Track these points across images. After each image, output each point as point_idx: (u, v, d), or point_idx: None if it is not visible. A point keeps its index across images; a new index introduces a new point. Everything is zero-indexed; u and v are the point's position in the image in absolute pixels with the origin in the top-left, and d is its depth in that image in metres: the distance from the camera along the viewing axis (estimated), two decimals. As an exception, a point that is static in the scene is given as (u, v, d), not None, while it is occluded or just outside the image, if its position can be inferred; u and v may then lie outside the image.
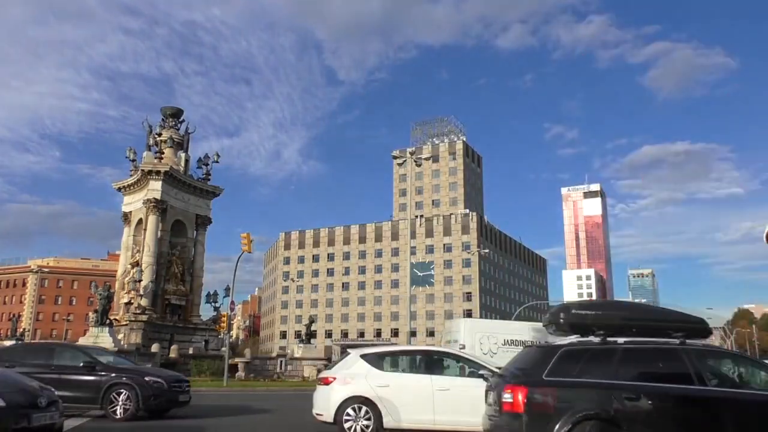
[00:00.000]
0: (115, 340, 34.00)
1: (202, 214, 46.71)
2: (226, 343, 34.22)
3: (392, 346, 14.76)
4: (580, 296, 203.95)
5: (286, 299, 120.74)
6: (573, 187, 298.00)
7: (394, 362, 11.04)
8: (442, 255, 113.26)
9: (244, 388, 29.01)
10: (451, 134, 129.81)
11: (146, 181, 42.92)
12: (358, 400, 10.04)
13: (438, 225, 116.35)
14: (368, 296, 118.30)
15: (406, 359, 11.22)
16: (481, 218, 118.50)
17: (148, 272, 41.38)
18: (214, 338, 45.26)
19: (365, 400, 10.01)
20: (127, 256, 44.49)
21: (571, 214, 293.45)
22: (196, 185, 46.20)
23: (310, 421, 11.10)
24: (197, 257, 46.61)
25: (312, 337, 44.80)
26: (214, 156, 48.07)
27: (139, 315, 39.59)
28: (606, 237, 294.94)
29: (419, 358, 11.16)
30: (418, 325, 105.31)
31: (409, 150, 41.56)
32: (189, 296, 44.95)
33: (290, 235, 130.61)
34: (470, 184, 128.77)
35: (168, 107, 47.66)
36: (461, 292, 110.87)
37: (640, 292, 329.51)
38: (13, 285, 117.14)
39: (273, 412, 16.45)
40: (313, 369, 40.65)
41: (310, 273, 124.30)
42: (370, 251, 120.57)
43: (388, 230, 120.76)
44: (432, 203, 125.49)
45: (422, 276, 80.00)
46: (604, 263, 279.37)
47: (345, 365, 10.69)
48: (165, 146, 44.98)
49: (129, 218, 45.07)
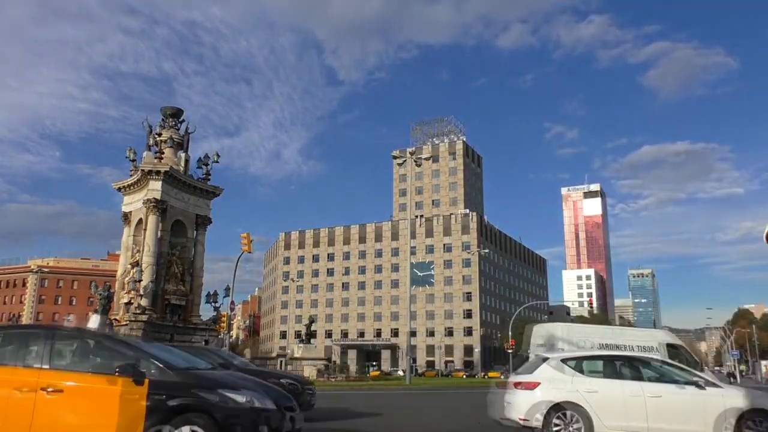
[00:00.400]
0: (115, 340, 33.93)
1: (202, 214, 46.67)
2: (226, 343, 34.27)
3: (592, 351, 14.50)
4: (580, 296, 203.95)
5: (286, 299, 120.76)
6: (573, 187, 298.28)
7: (596, 367, 10.93)
8: (442, 255, 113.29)
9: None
10: (451, 134, 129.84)
11: (146, 181, 42.89)
12: (567, 406, 9.98)
13: (438, 225, 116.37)
14: (368, 296, 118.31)
15: (609, 364, 11.06)
16: (481, 218, 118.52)
17: (148, 272, 41.35)
18: (214, 338, 45.23)
19: (574, 405, 9.94)
20: (127, 256, 44.46)
21: (571, 214, 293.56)
22: (196, 185, 46.16)
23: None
24: (197, 257, 46.58)
25: (312, 337, 44.88)
26: (214, 156, 48.02)
27: (139, 315, 39.56)
28: (606, 237, 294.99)
29: (623, 364, 11.06)
30: (418, 325, 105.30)
31: (409, 150, 41.69)
32: (189, 296, 44.91)
33: (290, 235, 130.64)
34: (470, 184, 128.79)
35: (168, 107, 47.59)
36: (461, 292, 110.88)
37: (640, 292, 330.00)
38: (13, 285, 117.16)
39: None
40: (313, 369, 40.71)
41: (310, 273, 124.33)
42: (370, 251, 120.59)
43: (388, 230, 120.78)
44: (432, 203, 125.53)
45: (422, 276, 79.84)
46: (604, 263, 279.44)
47: (545, 370, 10.59)
48: (165, 146, 44.94)
49: (129, 218, 45.04)
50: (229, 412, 6.58)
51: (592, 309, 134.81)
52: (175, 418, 6.44)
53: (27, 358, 6.84)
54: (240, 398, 6.75)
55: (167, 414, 6.43)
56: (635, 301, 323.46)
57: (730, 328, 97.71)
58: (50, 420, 6.40)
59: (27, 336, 7.43)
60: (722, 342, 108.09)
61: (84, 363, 6.95)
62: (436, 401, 23.30)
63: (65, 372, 6.64)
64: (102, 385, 6.52)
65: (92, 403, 6.50)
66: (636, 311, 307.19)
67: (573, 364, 10.60)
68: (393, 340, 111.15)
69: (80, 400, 6.50)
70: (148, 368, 6.66)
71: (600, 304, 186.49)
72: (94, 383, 6.56)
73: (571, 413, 9.92)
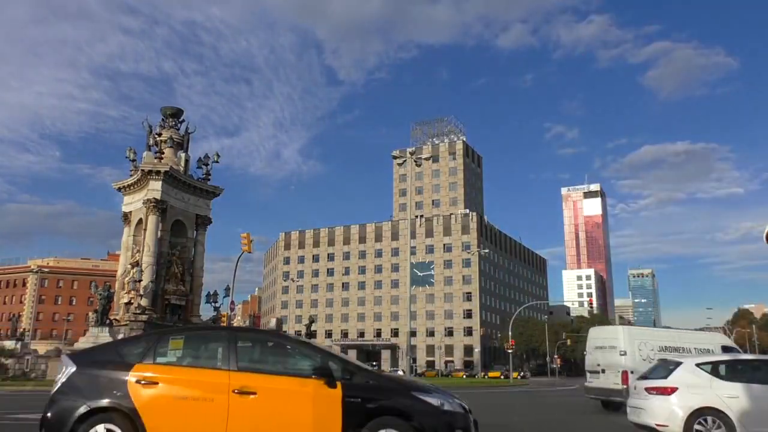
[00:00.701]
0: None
1: (202, 214, 46.68)
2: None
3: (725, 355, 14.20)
4: (579, 296, 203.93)
5: (286, 299, 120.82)
6: (573, 187, 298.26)
7: (733, 371, 10.77)
8: (442, 255, 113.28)
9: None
10: (451, 134, 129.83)
11: (146, 181, 42.89)
12: (707, 412, 9.83)
13: (438, 225, 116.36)
14: (368, 296, 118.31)
15: (747, 368, 10.96)
16: (481, 218, 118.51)
17: (148, 272, 41.35)
18: (214, 338, 45.19)
19: (716, 411, 9.80)
20: (127, 256, 44.46)
21: (571, 214, 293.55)
22: (196, 185, 46.17)
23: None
24: (197, 257, 46.59)
25: (312, 336, 44.84)
26: (214, 156, 48.03)
27: (139, 315, 39.56)
28: (606, 237, 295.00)
29: (759, 367, 10.93)
30: (418, 325, 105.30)
31: (409, 150, 41.59)
32: (189, 296, 44.91)
33: (290, 235, 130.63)
34: (470, 184, 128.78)
35: (168, 107, 47.59)
36: (461, 292, 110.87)
37: (640, 292, 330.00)
38: (13, 285, 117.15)
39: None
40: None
41: (310, 273, 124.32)
42: (370, 251, 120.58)
43: (388, 230, 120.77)
44: (432, 203, 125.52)
45: (422, 276, 79.95)
46: (604, 263, 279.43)
47: (681, 374, 10.42)
48: (165, 146, 44.95)
49: (129, 218, 45.05)
50: (426, 416, 6.36)
51: (591, 309, 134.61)
52: (371, 421, 6.26)
53: (214, 360, 6.75)
54: (434, 401, 6.55)
55: (362, 417, 6.27)
56: (635, 301, 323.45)
57: (730, 328, 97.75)
58: (245, 422, 6.27)
59: (210, 337, 7.43)
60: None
61: (273, 365, 6.88)
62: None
63: (256, 374, 6.52)
64: (295, 387, 6.42)
65: (287, 405, 6.37)
66: (636, 311, 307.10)
67: (709, 369, 10.43)
68: (393, 340, 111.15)
69: (275, 402, 6.35)
70: (337, 370, 6.53)
71: (600, 304, 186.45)
72: (288, 385, 6.45)
73: (712, 419, 9.75)
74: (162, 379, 6.41)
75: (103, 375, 6.52)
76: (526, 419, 13.85)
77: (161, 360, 6.66)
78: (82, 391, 6.43)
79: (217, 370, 6.55)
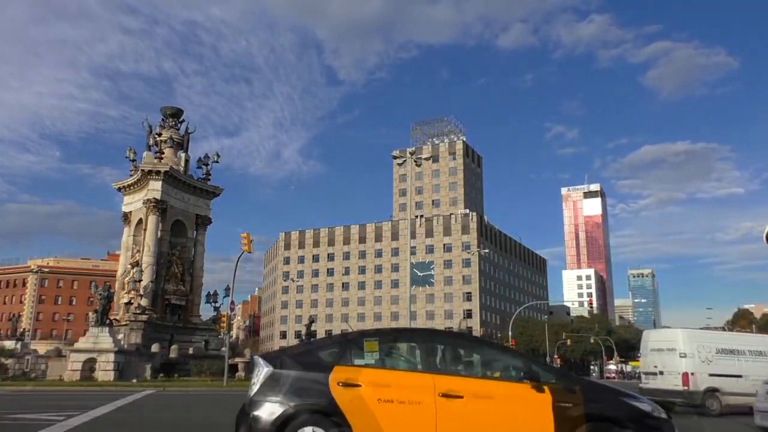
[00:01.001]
0: (115, 341, 33.99)
1: (202, 214, 46.71)
2: (226, 343, 34.24)
3: None
4: (579, 296, 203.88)
5: (286, 299, 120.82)
6: (573, 187, 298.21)
7: None
8: (442, 255, 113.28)
9: (245, 389, 28.93)
10: (451, 134, 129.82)
11: (146, 181, 42.91)
12: None
13: (438, 225, 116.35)
14: (368, 296, 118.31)
15: None
16: (481, 218, 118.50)
17: (148, 272, 41.37)
18: (214, 338, 45.25)
19: None
20: (127, 256, 44.49)
21: (571, 214, 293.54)
22: (196, 185, 46.20)
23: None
24: (197, 257, 46.61)
25: (312, 337, 44.82)
26: (214, 156, 48.10)
27: (139, 315, 39.58)
28: (606, 237, 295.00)
29: None
30: (418, 325, 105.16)
31: (409, 150, 41.62)
32: (189, 296, 44.94)
33: (290, 235, 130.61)
34: (470, 184, 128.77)
35: (168, 107, 47.66)
36: (461, 292, 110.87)
37: (640, 292, 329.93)
38: (13, 285, 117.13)
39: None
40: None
41: (310, 273, 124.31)
42: (370, 251, 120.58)
43: (388, 230, 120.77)
44: (432, 203, 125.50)
45: (422, 276, 79.97)
46: (604, 263, 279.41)
47: None
48: (165, 146, 44.99)
49: (129, 218, 45.06)
50: (637, 422, 6.14)
51: (591, 309, 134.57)
52: (581, 427, 6.09)
53: (414, 363, 6.72)
54: (645, 407, 6.38)
55: (574, 423, 6.09)
56: (635, 301, 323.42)
57: (730, 328, 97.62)
58: (454, 426, 6.16)
59: (406, 340, 7.40)
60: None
61: (475, 368, 6.81)
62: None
63: (459, 377, 6.45)
64: (503, 391, 6.31)
65: (496, 409, 6.21)
66: (636, 311, 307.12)
67: None
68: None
69: (483, 406, 6.20)
70: (543, 375, 6.40)
71: (600, 304, 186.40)
72: (495, 389, 6.34)
73: None
74: (364, 381, 6.34)
75: (303, 377, 6.49)
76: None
77: (358, 362, 6.64)
78: (284, 392, 6.38)
79: (419, 372, 6.48)
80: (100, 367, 32.36)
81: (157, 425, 12.77)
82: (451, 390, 6.23)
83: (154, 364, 35.04)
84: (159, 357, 36.61)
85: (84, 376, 31.69)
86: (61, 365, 33.83)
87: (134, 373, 33.28)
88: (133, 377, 32.48)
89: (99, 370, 32.30)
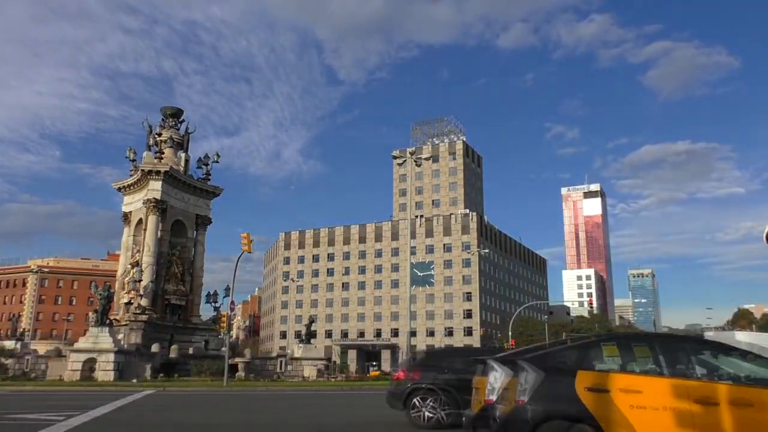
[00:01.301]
0: (115, 341, 33.97)
1: (202, 214, 46.70)
2: (226, 343, 34.23)
3: None
4: (580, 296, 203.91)
5: (286, 299, 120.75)
6: (573, 187, 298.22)
7: None
8: (442, 255, 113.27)
9: (244, 389, 28.99)
10: (451, 134, 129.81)
11: (146, 181, 42.91)
12: None
13: (438, 225, 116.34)
14: (368, 296, 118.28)
15: None
16: (481, 218, 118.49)
17: (148, 272, 41.37)
18: (214, 338, 45.25)
19: None
20: (127, 256, 44.49)
21: (571, 214, 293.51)
22: (196, 185, 46.20)
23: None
24: (197, 257, 46.61)
25: (312, 337, 44.81)
26: (214, 156, 48.10)
27: (139, 315, 39.57)
28: (606, 237, 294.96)
29: None
30: (418, 325, 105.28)
31: (409, 150, 41.60)
32: (189, 296, 44.94)
33: (290, 235, 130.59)
34: (470, 184, 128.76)
35: (168, 107, 47.65)
36: (461, 292, 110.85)
37: (640, 292, 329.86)
38: (13, 285, 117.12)
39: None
40: (313, 369, 40.67)
41: (310, 273, 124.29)
42: (370, 251, 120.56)
43: (388, 230, 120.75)
44: (432, 203, 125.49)
45: (422, 276, 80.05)
46: (604, 263, 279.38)
47: None
48: (165, 146, 44.99)
49: (129, 218, 45.06)
50: None
51: (591, 309, 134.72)
52: None
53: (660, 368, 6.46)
54: None
55: None
56: (635, 301, 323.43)
57: (730, 328, 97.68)
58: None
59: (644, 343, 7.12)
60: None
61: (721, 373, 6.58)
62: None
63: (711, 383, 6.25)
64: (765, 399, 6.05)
65: (758, 417, 5.97)
66: (636, 311, 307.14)
67: None
68: (393, 340, 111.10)
69: (740, 413, 5.97)
70: None
71: (600, 304, 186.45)
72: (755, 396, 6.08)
73: None
74: (612, 387, 6.18)
75: (546, 381, 6.38)
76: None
77: (600, 367, 6.52)
78: (530, 396, 6.29)
79: (668, 378, 6.26)
80: (100, 367, 32.35)
81: (157, 425, 12.77)
82: (706, 397, 6.02)
83: (154, 364, 35.04)
84: (159, 357, 36.61)
85: (84, 376, 31.68)
86: (61, 365, 33.82)
87: (134, 373, 33.27)
88: (133, 377, 32.48)
89: (99, 370, 32.29)
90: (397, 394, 12.14)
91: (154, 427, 12.41)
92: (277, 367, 41.11)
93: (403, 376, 12.46)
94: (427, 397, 11.60)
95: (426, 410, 11.53)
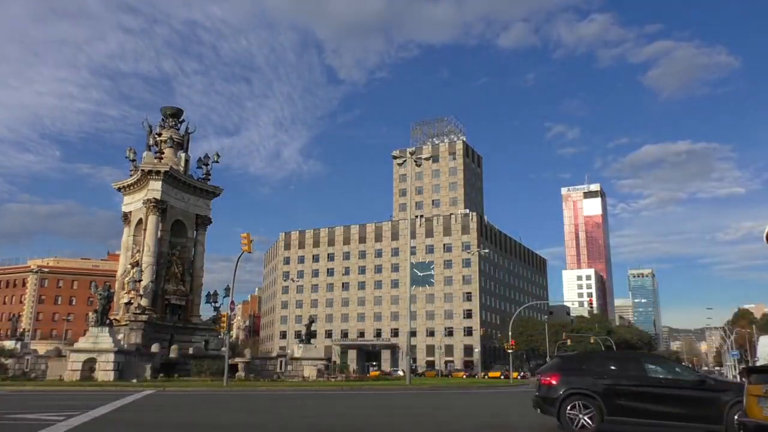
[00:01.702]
0: (115, 341, 33.97)
1: (202, 214, 46.70)
2: (226, 343, 34.22)
3: None
4: (580, 296, 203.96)
5: (286, 299, 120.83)
6: (573, 187, 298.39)
7: None
8: (442, 255, 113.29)
9: (244, 389, 28.99)
10: (451, 134, 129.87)
11: (146, 181, 42.91)
12: None
13: (438, 225, 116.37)
14: (368, 296, 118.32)
15: None
16: (481, 218, 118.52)
17: (148, 272, 41.37)
18: (214, 338, 45.23)
19: None
20: (127, 256, 44.48)
21: (571, 214, 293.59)
22: (196, 185, 46.19)
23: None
24: (197, 257, 46.60)
25: (312, 337, 44.82)
26: (214, 156, 48.07)
27: (139, 315, 39.57)
28: (606, 237, 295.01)
29: None
30: (418, 325, 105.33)
31: (409, 150, 41.69)
32: (189, 296, 44.93)
33: (290, 235, 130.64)
34: (470, 184, 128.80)
35: (168, 107, 47.63)
36: (461, 292, 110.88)
37: (640, 292, 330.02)
38: (13, 285, 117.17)
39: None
40: (313, 369, 40.67)
41: (310, 273, 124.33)
42: (370, 251, 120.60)
43: (388, 230, 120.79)
44: (432, 203, 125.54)
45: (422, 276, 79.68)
46: (604, 263, 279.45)
47: None
48: (165, 146, 44.98)
49: (129, 218, 45.05)
50: None
51: (591, 309, 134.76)
52: None
53: None
54: None
55: None
56: (635, 301, 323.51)
57: (730, 328, 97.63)
58: None
59: None
60: (722, 342, 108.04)
61: None
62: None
63: None
64: None
65: None
66: (636, 311, 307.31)
67: None
68: (393, 340, 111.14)
69: None
70: None
71: (600, 304, 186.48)
72: None
73: None
74: None
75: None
76: (526, 419, 13.99)
77: None
78: None
79: None
80: (100, 367, 32.35)
81: (157, 425, 12.77)
82: None
83: (154, 364, 35.04)
84: (159, 357, 36.61)
85: (84, 376, 31.68)
86: (61, 365, 33.81)
87: (134, 373, 33.27)
88: (133, 377, 32.47)
89: (99, 370, 32.28)
90: (550, 399, 11.66)
91: (154, 427, 12.40)
92: (277, 367, 41.13)
93: (556, 381, 11.85)
94: (588, 404, 11.16)
95: (583, 417, 11.15)
